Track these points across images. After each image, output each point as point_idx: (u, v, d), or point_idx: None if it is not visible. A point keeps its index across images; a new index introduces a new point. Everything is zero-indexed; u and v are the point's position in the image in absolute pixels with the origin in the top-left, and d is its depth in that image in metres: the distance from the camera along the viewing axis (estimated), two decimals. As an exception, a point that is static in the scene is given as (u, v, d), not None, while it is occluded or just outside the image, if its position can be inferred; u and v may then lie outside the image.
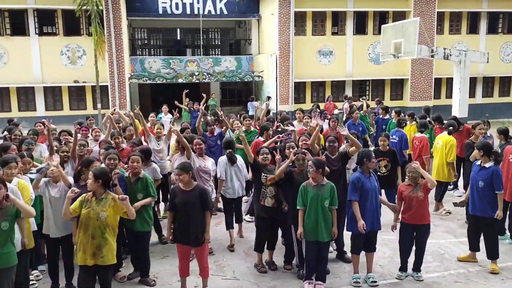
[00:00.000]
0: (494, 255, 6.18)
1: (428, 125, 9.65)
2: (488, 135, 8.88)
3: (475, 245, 6.42)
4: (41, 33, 20.95)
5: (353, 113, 11.66)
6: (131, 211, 4.80)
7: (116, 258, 4.90)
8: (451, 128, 8.57)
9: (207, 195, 5.34)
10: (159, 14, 23.06)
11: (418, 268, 5.98)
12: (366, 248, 5.84)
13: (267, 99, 17.38)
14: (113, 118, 8.79)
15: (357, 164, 5.79)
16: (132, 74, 22.13)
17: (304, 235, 5.50)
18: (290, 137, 7.11)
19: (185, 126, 8.90)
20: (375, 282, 5.76)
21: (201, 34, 23.82)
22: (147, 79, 22.25)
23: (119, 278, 5.85)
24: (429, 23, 22.13)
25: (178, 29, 27.83)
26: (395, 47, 15.04)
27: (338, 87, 23.30)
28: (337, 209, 5.55)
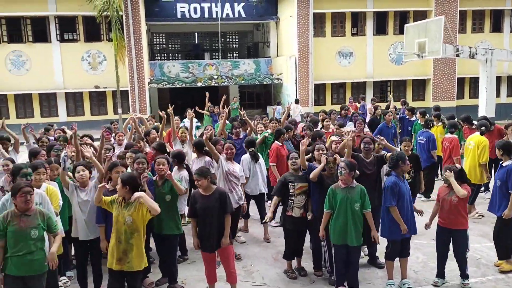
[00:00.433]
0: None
1: (458, 125, 9.39)
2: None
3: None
4: (62, 39, 21.24)
5: (385, 114, 10.94)
6: (153, 206, 4.62)
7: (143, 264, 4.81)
8: (483, 128, 8.29)
9: (226, 198, 5.18)
10: (178, 19, 23.10)
11: (463, 275, 5.69)
12: (400, 253, 5.62)
13: (296, 102, 17.21)
14: (136, 121, 8.77)
15: (390, 168, 5.55)
16: (152, 78, 22.23)
17: (332, 239, 5.35)
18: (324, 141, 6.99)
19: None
20: (411, 288, 5.56)
21: (219, 38, 23.78)
22: (166, 83, 22.31)
23: (147, 284, 5.76)
24: (451, 22, 21.70)
25: (196, 33, 27.86)
26: (419, 46, 14.74)
27: (359, 88, 23.02)
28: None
